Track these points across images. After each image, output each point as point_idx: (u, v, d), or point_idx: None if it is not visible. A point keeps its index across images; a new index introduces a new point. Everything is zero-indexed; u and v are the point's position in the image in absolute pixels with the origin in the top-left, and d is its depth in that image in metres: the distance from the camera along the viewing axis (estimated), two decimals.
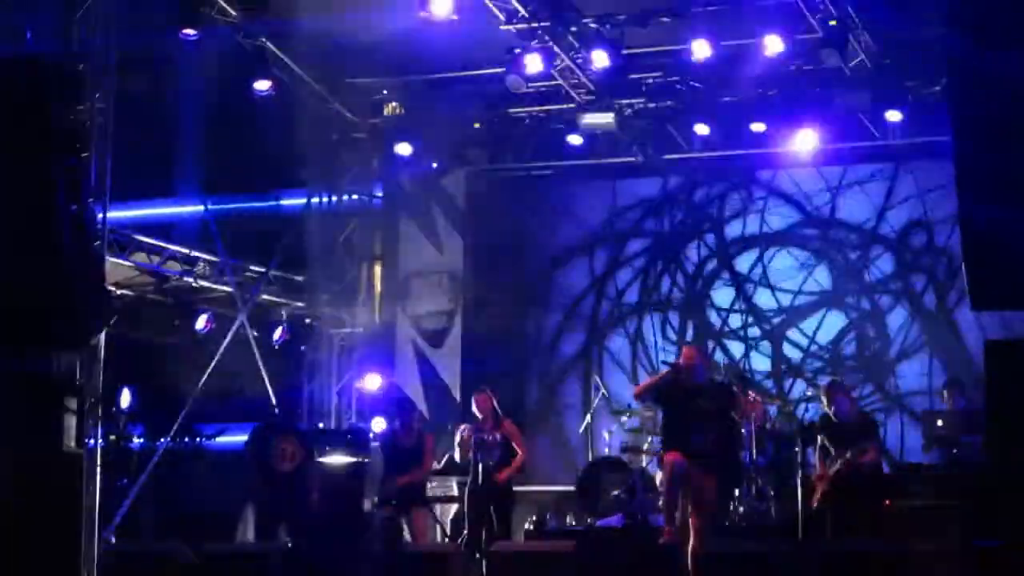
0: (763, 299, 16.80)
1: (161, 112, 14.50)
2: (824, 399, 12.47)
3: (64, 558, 10.69)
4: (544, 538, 12.74)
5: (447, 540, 13.25)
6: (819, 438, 12.32)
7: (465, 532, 12.58)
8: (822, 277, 16.67)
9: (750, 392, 14.10)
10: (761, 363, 16.61)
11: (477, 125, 16.47)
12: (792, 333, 16.59)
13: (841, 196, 16.59)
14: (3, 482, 10.74)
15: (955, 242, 14.74)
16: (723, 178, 17.03)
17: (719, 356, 16.43)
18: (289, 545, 11.39)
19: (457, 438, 13.45)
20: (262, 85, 15.04)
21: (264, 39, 14.97)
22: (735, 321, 16.87)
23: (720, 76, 14.59)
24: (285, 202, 17.62)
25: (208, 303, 15.42)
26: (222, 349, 14.91)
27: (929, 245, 16.12)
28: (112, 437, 14.37)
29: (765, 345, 16.69)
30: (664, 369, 11.58)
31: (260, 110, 15.62)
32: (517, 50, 14.31)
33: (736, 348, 16.79)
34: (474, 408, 12.85)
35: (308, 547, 11.81)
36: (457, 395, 16.76)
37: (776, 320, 16.70)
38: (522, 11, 13.99)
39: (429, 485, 13.46)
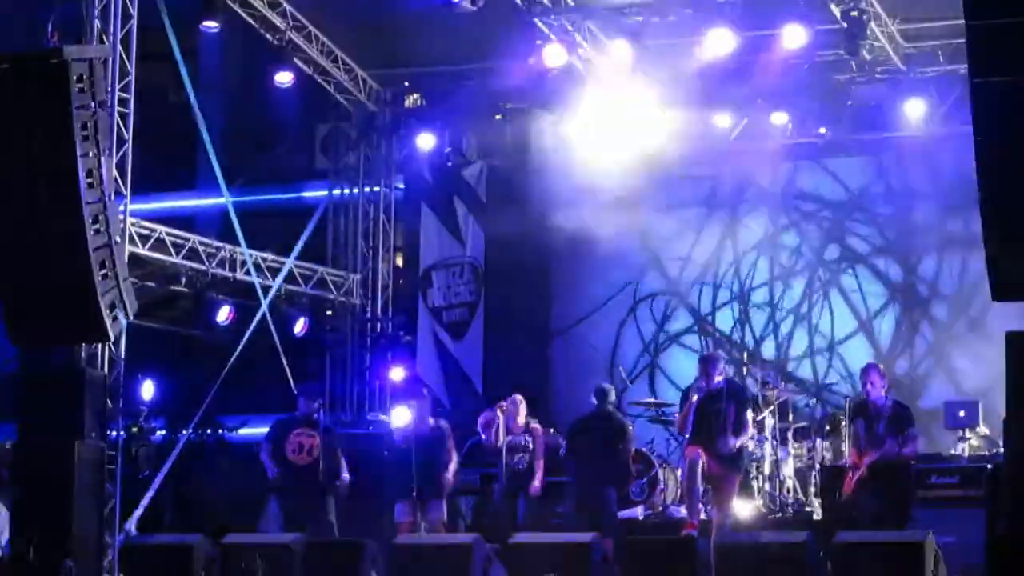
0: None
1: (183, 104, 14.52)
2: (861, 382, 12.21)
3: (87, 549, 10.76)
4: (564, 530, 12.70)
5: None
6: (851, 425, 12.12)
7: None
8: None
9: (772, 387, 14.09)
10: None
11: (498, 117, 16.44)
12: None
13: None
14: (28, 474, 10.83)
15: None
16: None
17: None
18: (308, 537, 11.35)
19: (481, 420, 13.43)
20: (283, 77, 15.06)
21: (286, 31, 14.98)
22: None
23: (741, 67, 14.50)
24: (307, 194, 17.63)
25: (229, 295, 15.43)
26: (244, 341, 14.93)
27: None
28: (134, 429, 14.43)
29: None
30: (693, 394, 11.79)
31: (282, 102, 15.65)
32: (539, 42, 14.29)
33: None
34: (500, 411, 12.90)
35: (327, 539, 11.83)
36: (479, 387, 16.74)
37: None
38: (544, 2, 13.96)
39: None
